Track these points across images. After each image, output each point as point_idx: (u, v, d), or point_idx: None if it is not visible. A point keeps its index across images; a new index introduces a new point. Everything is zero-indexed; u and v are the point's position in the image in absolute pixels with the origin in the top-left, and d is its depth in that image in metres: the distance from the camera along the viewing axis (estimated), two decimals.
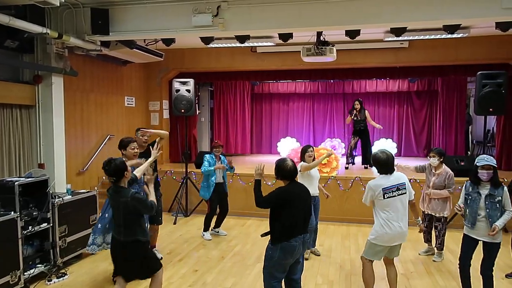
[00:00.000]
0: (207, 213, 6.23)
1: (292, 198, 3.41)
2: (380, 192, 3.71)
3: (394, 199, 3.72)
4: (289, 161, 3.54)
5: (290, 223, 3.36)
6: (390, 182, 3.75)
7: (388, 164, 3.79)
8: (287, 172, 3.49)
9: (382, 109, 11.38)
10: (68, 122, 6.27)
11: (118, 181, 3.43)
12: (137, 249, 3.45)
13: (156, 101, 9.20)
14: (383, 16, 4.86)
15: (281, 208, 3.38)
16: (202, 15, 5.15)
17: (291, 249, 3.35)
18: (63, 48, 5.76)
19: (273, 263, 3.38)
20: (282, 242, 3.34)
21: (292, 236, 3.35)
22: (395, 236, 3.75)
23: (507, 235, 6.24)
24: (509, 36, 6.26)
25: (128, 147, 4.52)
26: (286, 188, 3.49)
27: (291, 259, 3.40)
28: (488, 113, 6.37)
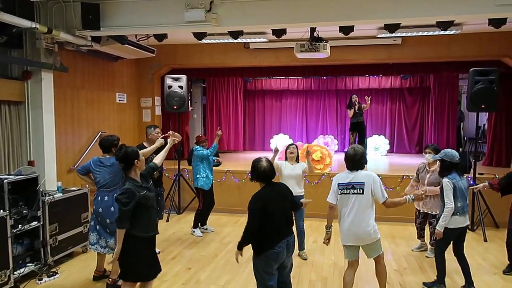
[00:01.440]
0: (200, 210, 6.19)
1: (269, 204, 3.20)
2: (336, 187, 3.73)
3: (347, 196, 3.66)
4: (264, 162, 3.31)
5: (272, 230, 3.20)
6: (348, 179, 3.69)
7: (354, 160, 3.70)
8: (261, 174, 3.28)
9: (375, 105, 11.41)
10: (59, 118, 6.17)
11: (127, 169, 3.35)
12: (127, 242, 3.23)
13: (148, 97, 9.11)
14: (378, 12, 4.84)
15: (258, 216, 3.17)
16: (195, 10, 5.08)
17: (275, 256, 3.20)
18: (52, 43, 5.65)
19: (261, 273, 3.24)
20: (266, 251, 3.18)
21: (277, 243, 3.19)
22: (350, 236, 3.67)
23: (498, 231, 6.33)
24: (500, 33, 6.29)
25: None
26: (259, 193, 3.27)
27: (276, 265, 3.24)
28: (480, 109, 6.40)
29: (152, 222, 3.45)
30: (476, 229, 6.38)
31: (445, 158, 4.16)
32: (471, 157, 6.98)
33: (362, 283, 4.49)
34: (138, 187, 3.31)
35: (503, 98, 7.76)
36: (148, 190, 3.39)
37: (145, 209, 3.32)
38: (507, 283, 4.47)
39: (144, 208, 3.31)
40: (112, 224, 4.06)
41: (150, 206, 3.38)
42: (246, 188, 7.46)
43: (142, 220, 3.30)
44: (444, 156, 4.17)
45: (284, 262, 3.32)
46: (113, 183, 4.30)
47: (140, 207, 3.27)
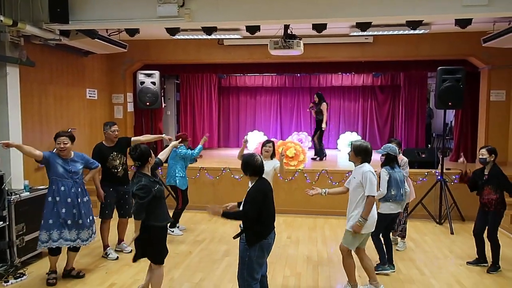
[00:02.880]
0: (178, 209, 6.11)
1: (267, 195, 3.37)
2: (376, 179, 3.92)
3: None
4: (258, 156, 3.45)
5: (269, 221, 3.36)
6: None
7: (371, 153, 3.98)
8: (257, 168, 3.39)
9: (348, 103, 11.62)
10: (25, 115, 5.95)
11: (142, 167, 3.66)
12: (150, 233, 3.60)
13: (120, 93, 8.92)
14: (350, 11, 4.92)
15: (261, 207, 3.28)
16: (167, 5, 4.99)
17: (268, 246, 3.36)
18: (18, 37, 5.43)
19: (252, 264, 3.28)
20: (261, 242, 3.28)
21: (268, 233, 3.34)
22: (374, 223, 3.95)
23: (464, 224, 6.58)
24: (467, 33, 6.51)
25: (56, 141, 4.35)
26: (260, 185, 3.39)
27: (267, 255, 3.40)
28: (447, 107, 6.62)
29: (166, 212, 3.84)
30: (444, 222, 6.62)
31: (391, 152, 4.60)
32: (439, 153, 7.22)
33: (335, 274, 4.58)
34: (152, 182, 3.64)
35: (469, 96, 8.05)
36: (159, 184, 3.75)
37: (159, 201, 3.69)
38: (472, 274, 4.66)
39: (159, 201, 3.67)
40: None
41: (163, 198, 3.78)
42: (221, 185, 7.44)
43: (159, 211, 3.67)
44: (390, 150, 4.62)
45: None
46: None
47: (156, 200, 3.61)
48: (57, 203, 4.23)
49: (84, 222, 4.37)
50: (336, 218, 6.91)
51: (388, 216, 4.59)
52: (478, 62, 7.91)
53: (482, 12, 4.76)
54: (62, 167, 4.27)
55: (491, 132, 7.96)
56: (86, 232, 4.40)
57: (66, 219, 4.25)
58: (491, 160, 4.65)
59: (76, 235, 4.33)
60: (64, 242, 4.27)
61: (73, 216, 4.29)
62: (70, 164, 4.34)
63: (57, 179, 4.25)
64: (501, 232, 6.05)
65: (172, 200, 6.29)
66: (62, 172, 4.26)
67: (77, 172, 4.38)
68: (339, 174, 7.25)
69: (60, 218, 4.23)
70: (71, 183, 4.30)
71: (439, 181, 6.68)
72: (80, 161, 4.46)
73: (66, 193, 4.26)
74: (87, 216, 4.42)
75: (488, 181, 4.66)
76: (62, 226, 4.24)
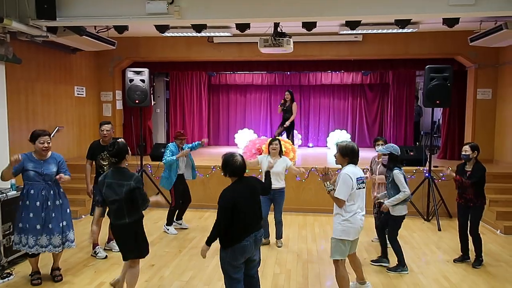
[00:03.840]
0: (171, 207, 6.08)
1: (240, 200, 3.18)
2: (355, 181, 3.60)
3: (360, 191, 3.67)
4: (238, 156, 3.31)
5: (243, 225, 3.21)
6: (358, 174, 3.69)
7: (358, 154, 3.74)
8: (237, 169, 3.26)
9: (337, 101, 11.68)
10: (11, 113, 5.87)
11: (119, 163, 3.62)
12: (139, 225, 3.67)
13: (109, 91, 8.85)
14: (340, 9, 4.97)
15: (229, 213, 3.15)
16: (157, 2, 4.97)
17: (242, 250, 3.20)
18: (4, 33, 5.35)
19: (227, 266, 3.24)
20: (233, 245, 3.18)
21: (244, 237, 3.20)
22: (358, 229, 3.69)
23: (451, 221, 6.67)
24: (454, 32, 6.60)
25: (37, 140, 4.14)
26: (231, 189, 3.24)
27: (242, 259, 3.25)
28: (435, 105, 6.69)
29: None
30: (431, 219, 6.71)
31: (394, 151, 4.54)
32: (427, 151, 7.31)
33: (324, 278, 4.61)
34: None
35: (456, 95, 8.17)
36: None
37: None
38: (459, 269, 4.73)
39: None
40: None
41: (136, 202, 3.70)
42: (211, 183, 7.43)
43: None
44: (393, 150, 4.55)
45: (252, 256, 3.34)
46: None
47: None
48: (26, 206, 4.10)
49: (54, 227, 4.16)
50: (325, 215, 6.95)
51: (403, 218, 4.58)
52: (465, 61, 8.02)
53: (469, 11, 4.84)
54: (33, 171, 4.10)
55: (477, 130, 8.09)
56: (58, 238, 4.18)
57: (34, 224, 4.09)
58: (473, 156, 4.74)
59: (48, 241, 4.16)
60: (40, 249, 4.15)
61: (42, 220, 4.11)
62: (43, 166, 4.15)
63: (28, 183, 4.12)
64: (486, 228, 6.20)
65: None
66: (33, 175, 4.10)
67: (50, 175, 4.17)
68: None
69: (27, 224, 4.09)
70: (42, 186, 4.13)
71: (427, 179, 6.76)
72: (54, 163, 4.25)
73: (35, 196, 4.10)
74: (58, 221, 4.20)
75: (471, 177, 4.75)
76: (27, 231, 4.09)
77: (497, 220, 6.25)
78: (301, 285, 4.35)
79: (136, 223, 3.63)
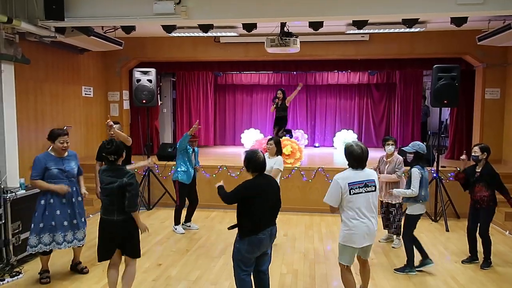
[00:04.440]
0: (177, 206, 6.10)
1: (260, 192, 3.34)
2: (346, 186, 3.43)
3: (360, 195, 3.45)
4: (260, 153, 3.45)
5: (259, 217, 3.32)
6: (358, 177, 3.48)
7: (362, 159, 3.51)
8: (259, 165, 3.40)
9: (343, 101, 11.65)
10: (21, 113, 5.93)
11: (117, 160, 3.63)
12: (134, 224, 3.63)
13: (116, 91, 8.90)
14: (346, 8, 4.95)
15: (249, 202, 3.30)
16: (164, 3, 4.99)
17: (258, 243, 3.32)
18: (13, 34, 5.40)
19: (240, 257, 3.36)
20: (250, 236, 3.30)
21: (260, 230, 3.32)
22: (363, 237, 3.48)
23: (459, 221, 6.63)
24: (462, 31, 6.55)
25: (57, 140, 4.20)
26: (254, 181, 3.41)
27: (258, 252, 3.38)
28: (442, 105, 6.65)
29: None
30: (439, 219, 6.66)
31: (419, 150, 4.52)
32: (434, 151, 7.26)
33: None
34: None
35: (464, 94, 8.11)
36: None
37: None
38: (467, 271, 4.70)
39: None
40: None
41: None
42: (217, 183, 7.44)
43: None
44: (419, 148, 4.53)
45: (265, 251, 3.46)
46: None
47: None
48: (51, 205, 4.15)
49: (79, 222, 4.34)
50: (332, 215, 6.94)
51: (418, 217, 4.58)
52: (473, 60, 7.96)
53: (477, 10, 4.80)
54: (57, 169, 4.18)
55: (485, 130, 8.02)
56: (82, 232, 4.38)
57: (62, 221, 4.19)
58: (483, 157, 4.70)
59: (73, 236, 4.30)
60: (57, 246, 4.20)
61: (69, 217, 4.25)
62: (64, 163, 4.26)
63: (52, 181, 4.16)
64: (494, 229, 6.14)
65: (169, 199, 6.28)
66: (57, 173, 4.18)
67: (71, 171, 4.30)
68: (335, 171, 7.15)
69: (52, 221, 4.15)
70: (66, 183, 4.23)
71: (434, 179, 6.72)
72: (73, 159, 4.38)
73: (61, 194, 4.21)
74: (81, 216, 4.39)
75: (480, 178, 4.71)
76: (55, 229, 4.17)
77: (506, 221, 6.20)
78: (308, 285, 4.35)
79: (124, 222, 3.56)
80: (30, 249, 4.16)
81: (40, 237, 4.15)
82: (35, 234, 4.15)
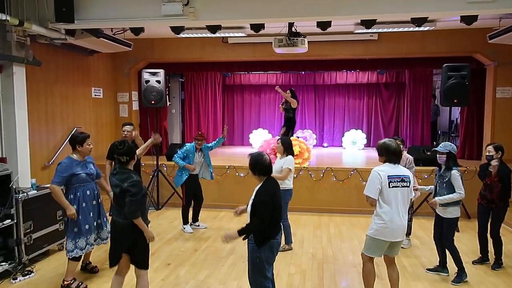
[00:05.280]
0: (183, 206, 6.15)
1: (275, 196, 3.30)
2: (386, 179, 3.49)
3: (397, 190, 3.51)
4: (266, 155, 3.39)
5: (277, 221, 3.32)
6: (396, 172, 3.56)
7: (397, 153, 3.61)
8: (266, 167, 3.33)
9: (352, 100, 11.59)
10: (32, 114, 6.01)
11: (128, 163, 3.51)
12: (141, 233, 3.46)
13: (125, 92, 8.97)
14: (355, 8, 4.92)
15: (272, 209, 3.23)
16: (172, 4, 5.02)
17: (277, 245, 3.32)
18: (24, 36, 5.48)
19: (263, 265, 3.24)
20: (270, 241, 3.24)
21: (277, 233, 3.31)
22: (396, 230, 3.52)
23: (470, 222, 6.55)
24: (472, 29, 6.46)
25: (85, 143, 4.22)
26: (268, 187, 3.30)
27: (276, 255, 3.36)
28: (453, 104, 6.58)
29: (146, 212, 3.77)
30: None
31: (452, 150, 4.38)
32: None
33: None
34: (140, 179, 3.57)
35: (474, 93, 8.01)
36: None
37: (145, 199, 3.62)
38: (478, 271, 4.65)
39: (145, 198, 3.61)
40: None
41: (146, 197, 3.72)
42: (226, 183, 7.46)
43: (144, 209, 3.56)
44: (451, 149, 4.39)
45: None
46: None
47: (144, 198, 3.55)
48: (84, 208, 4.17)
49: (103, 222, 4.43)
50: (340, 215, 6.91)
51: (457, 220, 4.42)
52: (484, 59, 7.86)
53: (488, 8, 4.74)
54: (84, 173, 4.20)
55: (497, 129, 7.91)
56: (105, 231, 4.45)
57: (93, 223, 4.27)
58: (497, 157, 4.64)
59: (97, 235, 4.38)
60: (90, 248, 4.29)
61: (97, 217, 4.35)
62: (87, 166, 4.30)
63: (81, 185, 4.19)
64: (506, 229, 6.07)
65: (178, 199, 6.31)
66: (85, 177, 4.21)
67: (94, 174, 4.35)
68: (343, 171, 7.25)
69: (86, 224, 4.19)
70: (93, 185, 4.31)
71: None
72: (91, 161, 4.42)
73: (92, 196, 4.28)
74: (103, 215, 4.47)
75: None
76: (89, 232, 4.22)
77: None
78: (316, 285, 4.34)
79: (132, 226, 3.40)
80: (69, 253, 4.14)
81: (76, 242, 4.13)
82: (71, 239, 4.13)
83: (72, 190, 4.16)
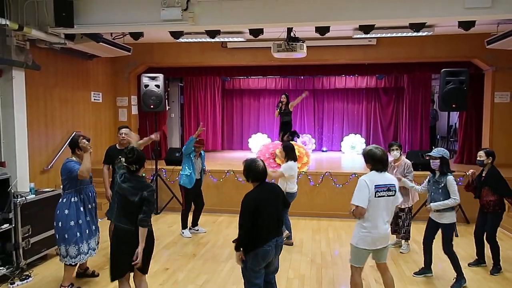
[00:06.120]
0: (183, 210, 6.14)
1: (261, 204, 3.20)
2: (373, 189, 3.43)
3: (383, 199, 3.46)
4: (260, 162, 3.35)
5: (263, 229, 3.21)
6: (383, 181, 3.49)
7: (383, 161, 3.53)
8: (259, 174, 3.30)
9: (351, 105, 11.61)
10: (31, 118, 6.02)
11: (138, 170, 3.44)
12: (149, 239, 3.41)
13: (124, 96, 8.98)
14: (353, 13, 4.95)
15: (252, 215, 3.16)
16: (171, 9, 5.05)
17: (264, 255, 3.22)
18: (24, 41, 5.50)
19: (249, 271, 3.24)
20: (255, 249, 3.19)
21: (266, 242, 3.21)
22: (378, 239, 3.52)
23: (468, 227, 6.55)
24: (470, 35, 6.50)
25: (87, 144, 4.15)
26: (252, 193, 3.27)
27: (263, 263, 3.27)
28: (451, 109, 6.60)
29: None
30: None
31: (445, 155, 4.39)
32: None
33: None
34: None
35: (473, 98, 8.04)
36: None
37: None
38: (477, 276, 4.64)
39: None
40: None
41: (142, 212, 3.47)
42: (225, 188, 7.46)
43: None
44: (444, 153, 4.39)
45: (271, 261, 3.36)
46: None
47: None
48: (82, 213, 4.12)
49: (95, 228, 4.36)
50: (339, 220, 6.91)
51: (454, 225, 4.42)
52: (482, 64, 7.90)
53: (485, 14, 4.77)
54: None
55: (495, 134, 7.94)
56: (95, 239, 4.35)
57: (91, 227, 4.22)
58: (488, 162, 4.68)
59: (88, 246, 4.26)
60: (93, 253, 4.25)
61: (94, 222, 4.30)
62: None
63: (83, 187, 4.17)
64: (505, 234, 6.07)
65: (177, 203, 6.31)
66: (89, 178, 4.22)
67: (91, 175, 4.32)
68: (343, 176, 7.25)
69: (86, 228, 4.14)
70: (92, 188, 4.31)
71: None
72: None
73: (92, 198, 4.26)
74: (96, 220, 4.42)
75: (485, 182, 4.69)
76: (89, 235, 4.18)
77: None
78: None
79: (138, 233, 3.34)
80: (71, 259, 4.05)
81: (79, 246, 4.08)
82: (74, 244, 4.04)
83: (78, 190, 4.11)
